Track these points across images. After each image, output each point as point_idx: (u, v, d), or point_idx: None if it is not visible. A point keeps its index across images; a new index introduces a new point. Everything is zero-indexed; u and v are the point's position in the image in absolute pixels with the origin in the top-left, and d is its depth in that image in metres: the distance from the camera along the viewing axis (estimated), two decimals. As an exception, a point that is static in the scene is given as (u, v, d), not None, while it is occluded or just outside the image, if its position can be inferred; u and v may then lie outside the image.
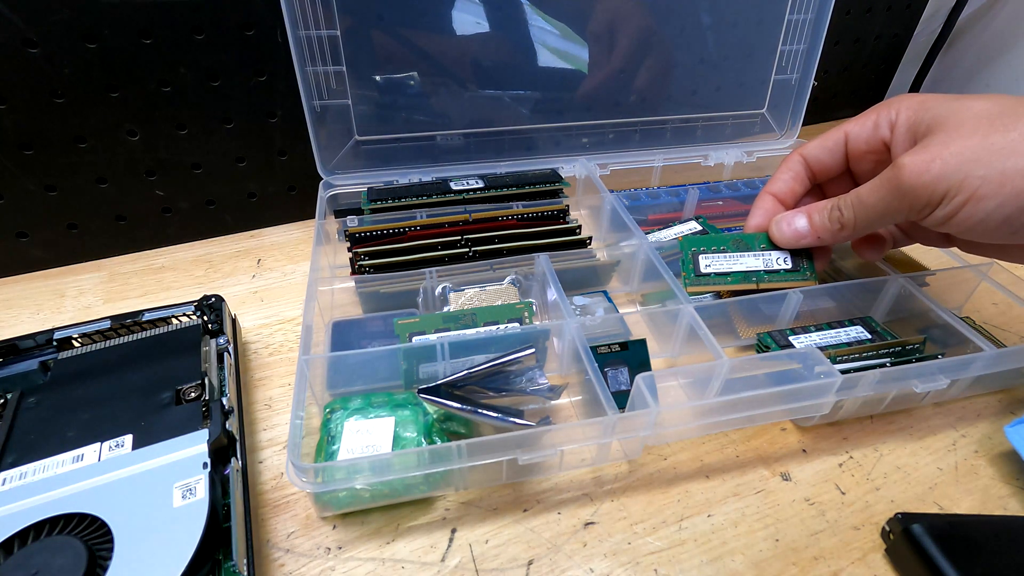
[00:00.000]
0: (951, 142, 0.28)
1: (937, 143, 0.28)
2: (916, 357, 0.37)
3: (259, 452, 0.35)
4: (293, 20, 0.42)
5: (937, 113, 0.29)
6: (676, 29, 0.52)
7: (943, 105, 0.29)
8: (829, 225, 0.34)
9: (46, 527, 0.27)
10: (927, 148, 0.28)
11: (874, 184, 0.31)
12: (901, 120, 0.31)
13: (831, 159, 0.35)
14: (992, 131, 0.27)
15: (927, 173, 0.28)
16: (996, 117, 0.27)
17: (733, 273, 0.40)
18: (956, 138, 0.28)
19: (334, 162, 0.49)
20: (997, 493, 0.33)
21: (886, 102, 0.33)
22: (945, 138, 0.28)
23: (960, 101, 0.29)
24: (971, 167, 0.27)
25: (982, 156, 0.27)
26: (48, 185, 0.46)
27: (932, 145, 0.28)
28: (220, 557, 0.27)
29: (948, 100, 0.29)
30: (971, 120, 0.28)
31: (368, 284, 0.40)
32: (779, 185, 0.37)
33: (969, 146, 0.27)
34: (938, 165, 0.28)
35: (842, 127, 0.34)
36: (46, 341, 0.36)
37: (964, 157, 0.27)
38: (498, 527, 0.31)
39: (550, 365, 0.39)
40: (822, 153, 0.35)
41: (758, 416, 0.33)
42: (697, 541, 0.31)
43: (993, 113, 0.28)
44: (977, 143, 0.27)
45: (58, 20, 0.40)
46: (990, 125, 0.27)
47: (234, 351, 0.37)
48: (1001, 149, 0.27)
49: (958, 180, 0.27)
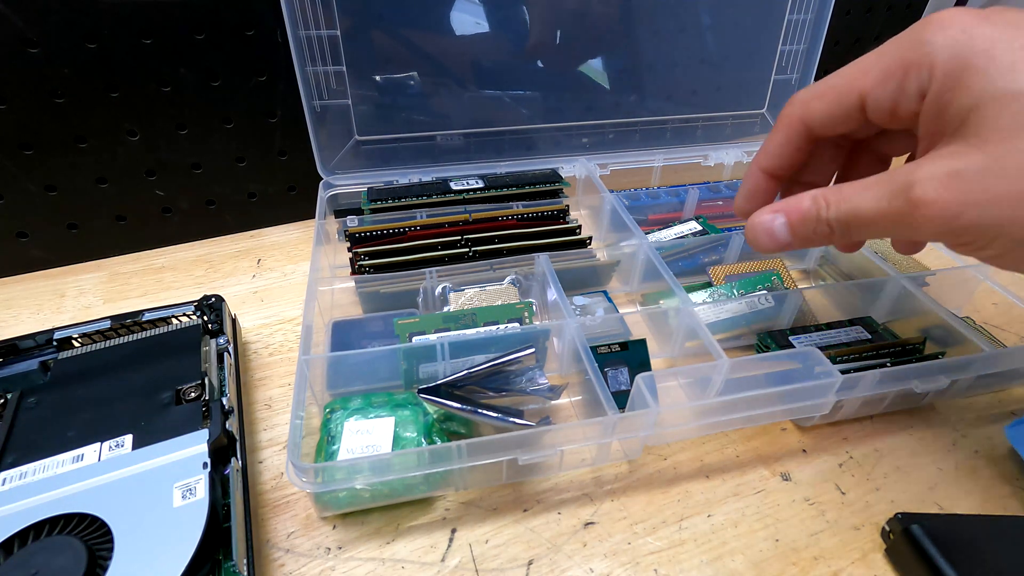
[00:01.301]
0: (995, 178, 0.19)
1: (975, 173, 0.20)
2: (916, 357, 0.37)
3: (259, 452, 0.35)
4: (293, 20, 0.42)
5: (983, 95, 0.20)
6: (676, 29, 0.52)
7: (995, 79, 0.20)
8: (814, 235, 0.25)
9: (46, 527, 0.27)
10: (961, 180, 0.20)
11: (877, 196, 0.22)
12: (935, 92, 0.21)
13: (843, 125, 0.25)
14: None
15: (955, 220, 0.20)
16: None
17: (722, 321, 0.40)
18: (1001, 169, 0.19)
19: (334, 162, 0.49)
20: (997, 493, 0.33)
21: (915, 43, 0.22)
22: (987, 164, 0.20)
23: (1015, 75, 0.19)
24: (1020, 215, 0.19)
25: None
26: (48, 185, 0.46)
27: (969, 176, 0.20)
28: (220, 557, 0.27)
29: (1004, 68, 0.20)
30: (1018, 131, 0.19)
31: (368, 284, 0.40)
32: (770, 160, 0.27)
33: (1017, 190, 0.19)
34: (972, 214, 0.20)
35: (855, 84, 0.23)
36: (46, 341, 0.36)
37: (1010, 204, 0.19)
38: (498, 527, 0.31)
39: (550, 365, 0.39)
40: (830, 119, 0.25)
41: (758, 416, 0.33)
42: (697, 541, 0.31)
43: None
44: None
45: (58, 20, 0.40)
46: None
47: (234, 351, 0.37)
48: None
49: (996, 231, 0.20)
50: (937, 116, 0.22)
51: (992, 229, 0.20)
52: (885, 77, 0.23)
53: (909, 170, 0.21)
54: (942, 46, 0.21)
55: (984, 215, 0.20)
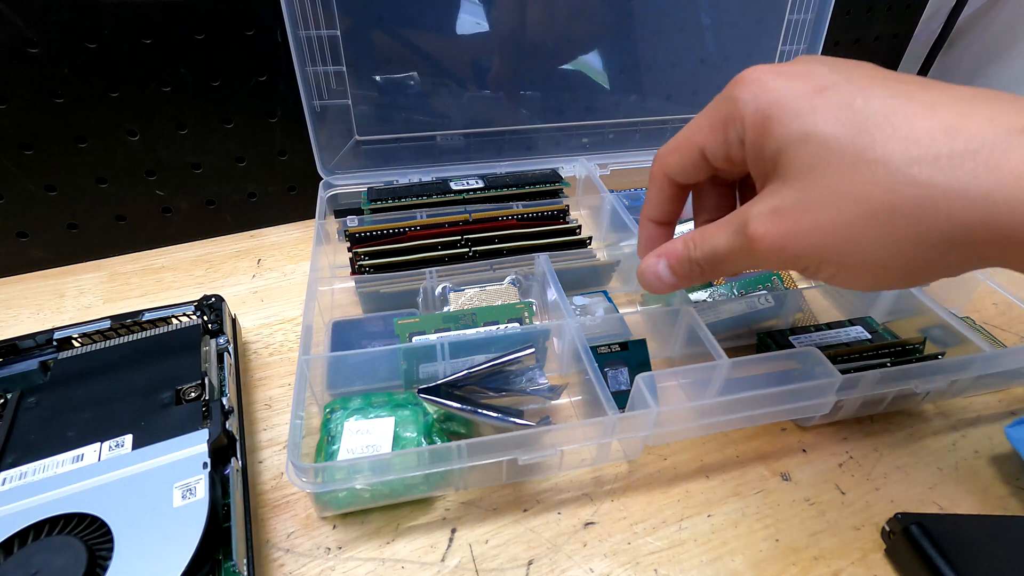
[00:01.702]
0: (804, 211, 0.21)
1: (789, 208, 0.22)
2: (916, 357, 0.37)
3: (259, 452, 0.35)
4: (293, 20, 0.42)
5: (783, 139, 0.22)
6: (676, 29, 0.52)
7: (788, 125, 0.22)
8: (691, 274, 0.27)
9: (46, 527, 0.27)
10: (780, 215, 0.22)
11: (727, 235, 0.25)
12: (749, 140, 0.24)
13: (698, 172, 0.27)
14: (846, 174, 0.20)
15: (784, 251, 0.22)
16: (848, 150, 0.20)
17: (721, 321, 0.40)
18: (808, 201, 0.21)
19: (334, 162, 0.49)
20: (997, 493, 0.33)
21: (729, 100, 0.24)
22: (797, 198, 0.22)
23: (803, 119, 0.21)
24: (830, 242, 0.21)
25: (840, 227, 0.21)
26: (48, 185, 0.46)
27: (785, 211, 0.22)
28: (220, 557, 0.27)
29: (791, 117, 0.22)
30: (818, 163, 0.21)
31: (368, 284, 0.40)
32: (653, 210, 0.30)
33: (824, 219, 0.21)
34: (794, 244, 0.22)
35: (694, 139, 0.26)
36: (46, 341, 0.36)
37: (820, 231, 0.21)
38: (498, 527, 0.31)
39: (550, 365, 0.39)
40: (685, 171, 0.27)
41: (758, 416, 0.33)
42: (697, 541, 0.31)
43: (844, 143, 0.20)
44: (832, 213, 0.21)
45: (58, 20, 0.40)
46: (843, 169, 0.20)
47: (234, 351, 0.37)
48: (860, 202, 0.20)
49: (819, 256, 0.22)
50: (757, 160, 0.24)
51: (814, 255, 0.22)
52: (713, 131, 0.25)
53: (745, 209, 0.24)
54: (746, 101, 0.23)
55: (804, 244, 0.22)
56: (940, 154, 0.19)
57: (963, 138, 0.19)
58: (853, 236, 0.21)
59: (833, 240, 0.21)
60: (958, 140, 0.19)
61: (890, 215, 0.20)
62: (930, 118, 0.19)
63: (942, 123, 0.19)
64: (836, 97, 0.21)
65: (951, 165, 0.18)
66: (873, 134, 0.20)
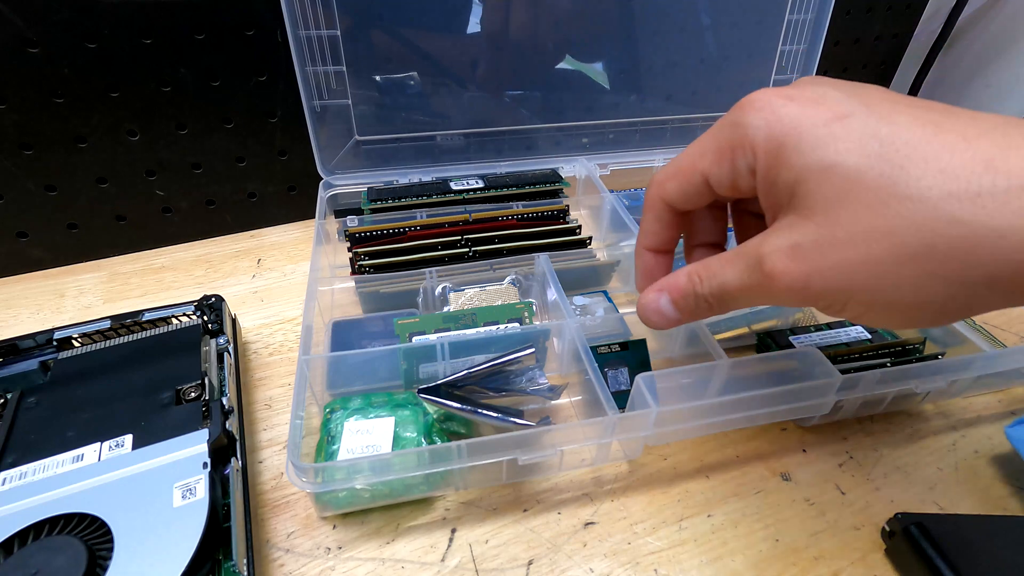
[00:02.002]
0: (829, 248, 0.20)
1: (812, 244, 0.21)
2: (916, 357, 0.37)
3: (259, 452, 0.35)
4: (293, 20, 0.42)
5: (802, 170, 0.21)
6: (676, 29, 0.52)
7: (807, 155, 0.21)
8: (697, 310, 0.26)
9: (46, 527, 0.27)
10: (801, 251, 0.21)
11: (738, 271, 0.23)
12: (761, 170, 0.22)
13: (699, 200, 0.26)
14: (876, 210, 0.19)
15: (806, 290, 0.21)
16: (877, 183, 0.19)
17: (721, 321, 0.40)
18: (832, 237, 0.20)
19: (334, 162, 0.49)
20: (997, 493, 0.33)
21: (737, 125, 0.23)
22: (821, 234, 0.20)
23: (825, 149, 0.20)
24: (859, 281, 0.20)
25: (870, 265, 0.20)
26: (48, 185, 0.46)
27: (807, 247, 0.21)
28: (220, 557, 0.27)
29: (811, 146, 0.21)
30: (843, 197, 0.20)
31: (368, 284, 0.40)
32: (651, 238, 0.28)
33: (851, 257, 0.20)
34: (818, 282, 0.21)
35: (697, 166, 0.25)
36: (46, 341, 0.36)
37: (846, 270, 0.20)
38: (498, 527, 0.31)
39: (550, 365, 0.39)
40: (686, 198, 0.26)
41: (758, 416, 0.33)
42: (697, 541, 0.31)
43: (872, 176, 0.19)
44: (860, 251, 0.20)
45: (58, 20, 0.40)
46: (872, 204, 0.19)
47: (234, 351, 0.37)
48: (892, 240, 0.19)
49: (845, 295, 0.21)
50: (770, 191, 0.22)
51: (840, 294, 0.21)
52: (718, 159, 0.24)
53: (758, 243, 0.22)
54: (757, 127, 0.22)
55: (828, 283, 0.20)
56: (982, 190, 0.18)
57: (1004, 173, 0.17)
58: (884, 275, 0.19)
59: (862, 279, 0.20)
60: (1000, 176, 0.18)
61: (928, 255, 0.18)
62: (965, 150, 0.18)
63: (980, 156, 0.18)
64: (860, 126, 0.20)
65: (996, 202, 0.17)
66: (905, 167, 0.19)
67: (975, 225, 0.18)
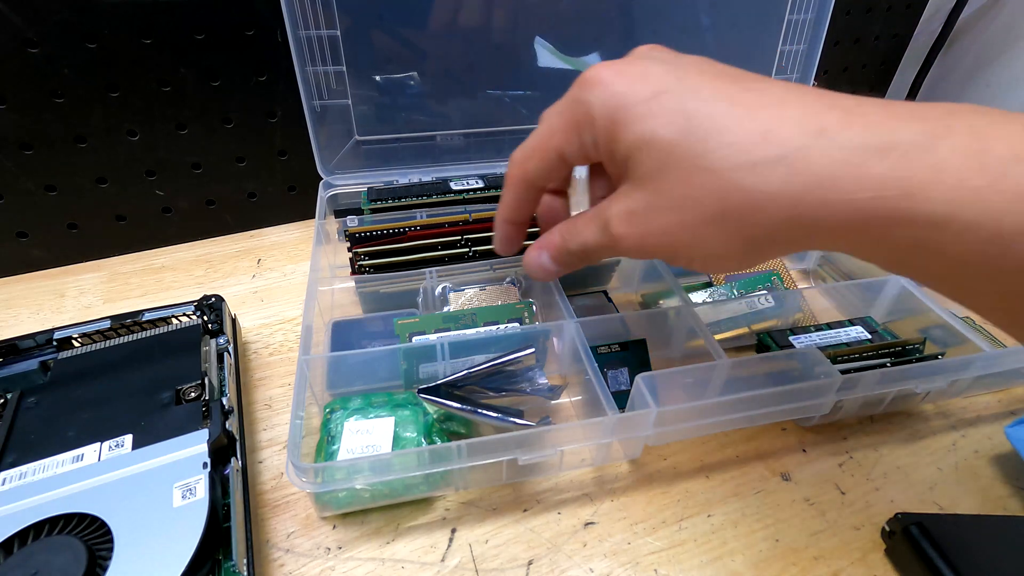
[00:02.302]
0: (654, 213, 0.24)
1: (642, 211, 0.24)
2: (916, 357, 0.37)
3: (259, 452, 0.35)
4: (293, 20, 0.42)
5: (630, 144, 0.23)
6: (676, 29, 0.52)
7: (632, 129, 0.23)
8: (571, 262, 0.29)
9: (46, 527, 0.27)
10: (634, 217, 0.24)
11: (593, 231, 0.26)
12: (602, 143, 0.25)
13: (558, 174, 0.28)
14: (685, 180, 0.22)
15: (643, 248, 0.25)
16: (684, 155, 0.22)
17: (721, 321, 0.40)
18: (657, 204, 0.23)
19: (334, 162, 0.49)
20: (997, 493, 0.33)
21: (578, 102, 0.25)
22: (647, 201, 0.24)
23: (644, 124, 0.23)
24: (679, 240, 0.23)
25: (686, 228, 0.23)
26: (48, 185, 0.46)
27: (638, 213, 0.24)
28: (220, 557, 0.27)
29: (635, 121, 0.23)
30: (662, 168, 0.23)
31: (368, 284, 0.40)
32: (512, 213, 0.31)
33: (672, 221, 0.23)
34: (650, 242, 0.24)
35: (550, 143, 0.26)
36: (46, 341, 0.36)
37: (670, 232, 0.23)
38: (498, 527, 0.31)
39: (550, 365, 0.39)
40: (545, 174, 0.28)
41: (758, 416, 0.33)
42: (697, 541, 0.31)
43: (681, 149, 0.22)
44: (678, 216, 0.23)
45: (58, 20, 0.40)
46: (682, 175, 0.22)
47: (234, 351, 0.37)
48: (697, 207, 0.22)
49: (673, 252, 0.24)
50: (610, 161, 0.25)
51: (669, 250, 0.24)
52: (567, 135, 0.26)
53: (606, 206, 0.25)
54: (594, 104, 0.24)
55: (659, 242, 0.24)
56: (758, 160, 0.20)
57: (775, 143, 0.20)
58: (697, 235, 0.23)
59: (681, 239, 0.23)
60: (771, 146, 0.20)
61: (723, 217, 0.22)
62: (751, 121, 0.21)
63: (760, 127, 0.21)
64: (672, 102, 0.22)
65: (767, 171, 0.20)
66: (705, 140, 0.21)
67: (754, 192, 0.21)
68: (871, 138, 0.19)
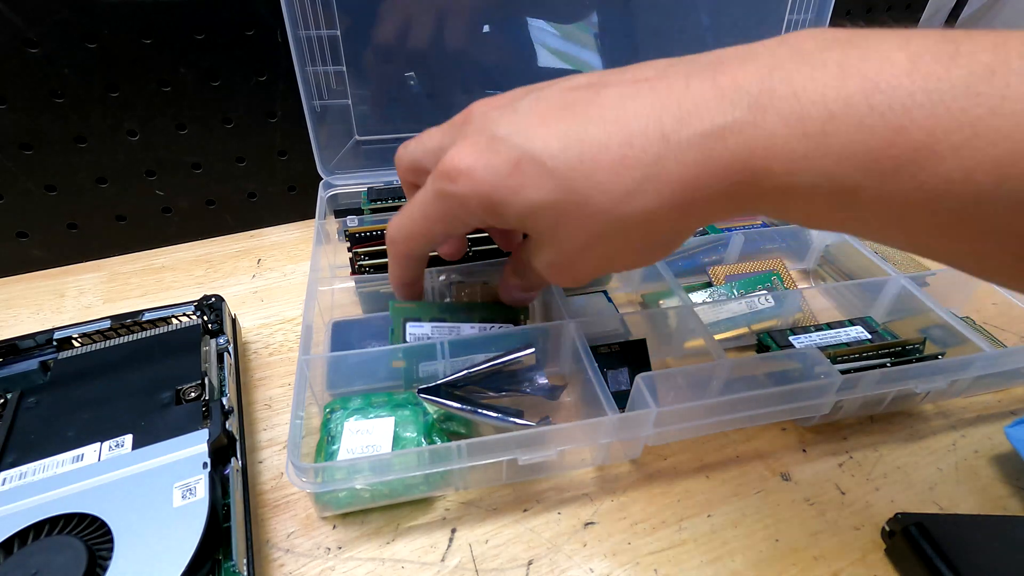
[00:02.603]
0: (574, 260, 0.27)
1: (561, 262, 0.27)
2: (916, 357, 0.37)
3: (259, 452, 0.35)
4: (293, 20, 0.42)
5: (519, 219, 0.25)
6: (676, 29, 0.52)
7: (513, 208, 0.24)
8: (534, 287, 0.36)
9: (46, 527, 0.27)
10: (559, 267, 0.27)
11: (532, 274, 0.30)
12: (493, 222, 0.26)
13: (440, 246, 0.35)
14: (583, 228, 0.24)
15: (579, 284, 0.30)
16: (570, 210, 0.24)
17: (721, 321, 0.40)
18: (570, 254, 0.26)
19: (334, 162, 0.49)
20: (997, 493, 0.33)
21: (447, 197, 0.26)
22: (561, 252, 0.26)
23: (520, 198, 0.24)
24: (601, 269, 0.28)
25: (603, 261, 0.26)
26: (48, 185, 0.46)
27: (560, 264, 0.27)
28: (220, 557, 0.27)
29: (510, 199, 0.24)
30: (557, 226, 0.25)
31: (368, 284, 0.40)
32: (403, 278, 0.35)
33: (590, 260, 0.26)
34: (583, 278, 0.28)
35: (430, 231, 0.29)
36: (46, 341, 0.36)
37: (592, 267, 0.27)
38: (498, 527, 0.31)
39: (550, 365, 0.39)
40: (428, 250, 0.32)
41: (758, 416, 0.33)
42: (697, 541, 0.31)
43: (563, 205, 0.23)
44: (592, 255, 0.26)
45: (58, 20, 0.40)
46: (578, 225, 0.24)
47: (234, 351, 0.37)
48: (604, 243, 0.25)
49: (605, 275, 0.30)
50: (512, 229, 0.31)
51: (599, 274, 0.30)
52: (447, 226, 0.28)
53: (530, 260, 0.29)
54: (467, 195, 0.25)
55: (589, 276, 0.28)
56: (630, 187, 0.22)
57: (634, 167, 0.22)
58: (613, 259, 0.26)
59: (604, 266, 0.27)
60: (633, 170, 0.22)
61: (628, 236, 0.24)
62: (606, 153, 0.22)
63: (616, 154, 0.22)
64: (531, 168, 0.23)
65: (641, 192, 0.22)
66: (578, 190, 0.23)
67: (641, 210, 0.22)
68: (708, 126, 0.20)
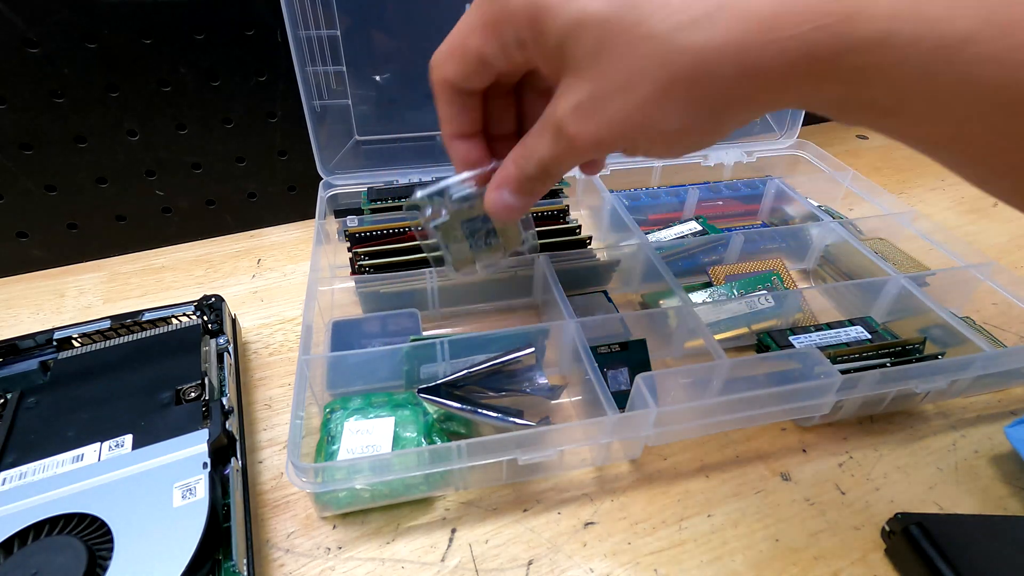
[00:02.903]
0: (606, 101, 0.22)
1: (590, 101, 0.22)
2: (916, 357, 0.37)
3: (259, 452, 0.35)
4: (293, 20, 0.42)
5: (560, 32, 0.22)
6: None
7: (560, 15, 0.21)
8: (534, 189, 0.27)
9: (46, 527, 0.27)
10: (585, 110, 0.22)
11: (547, 142, 0.25)
12: (530, 39, 0.23)
13: (481, 78, 0.26)
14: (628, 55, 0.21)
15: (602, 143, 0.23)
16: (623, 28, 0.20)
17: (721, 321, 0.40)
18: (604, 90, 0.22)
19: (334, 162, 0.49)
20: (997, 493, 0.33)
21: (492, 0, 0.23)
22: (593, 89, 0.22)
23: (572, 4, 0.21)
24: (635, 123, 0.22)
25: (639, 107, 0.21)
26: (48, 185, 0.46)
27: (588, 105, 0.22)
28: (220, 557, 0.27)
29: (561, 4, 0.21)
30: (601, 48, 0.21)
31: (368, 284, 0.40)
32: (453, 125, 0.28)
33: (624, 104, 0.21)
34: (608, 134, 0.23)
35: (469, 44, 0.25)
36: (46, 341, 0.36)
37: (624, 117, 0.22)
38: (498, 527, 0.31)
39: (550, 365, 0.39)
40: (467, 76, 0.26)
41: (758, 416, 0.33)
42: (697, 541, 0.31)
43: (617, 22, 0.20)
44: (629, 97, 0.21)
45: (58, 20, 0.40)
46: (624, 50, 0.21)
47: (234, 351, 0.37)
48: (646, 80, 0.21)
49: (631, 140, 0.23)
50: (544, 58, 0.23)
51: (628, 139, 0.23)
52: (486, 36, 0.24)
53: (552, 110, 0.23)
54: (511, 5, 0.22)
55: (615, 132, 0.22)
56: (698, 15, 0.19)
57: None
58: (653, 113, 0.21)
59: (637, 121, 0.21)
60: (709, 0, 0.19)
61: (673, 85, 0.20)
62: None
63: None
64: None
65: (709, 23, 0.19)
66: (639, 6, 0.20)
67: (700, 49, 0.19)
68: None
